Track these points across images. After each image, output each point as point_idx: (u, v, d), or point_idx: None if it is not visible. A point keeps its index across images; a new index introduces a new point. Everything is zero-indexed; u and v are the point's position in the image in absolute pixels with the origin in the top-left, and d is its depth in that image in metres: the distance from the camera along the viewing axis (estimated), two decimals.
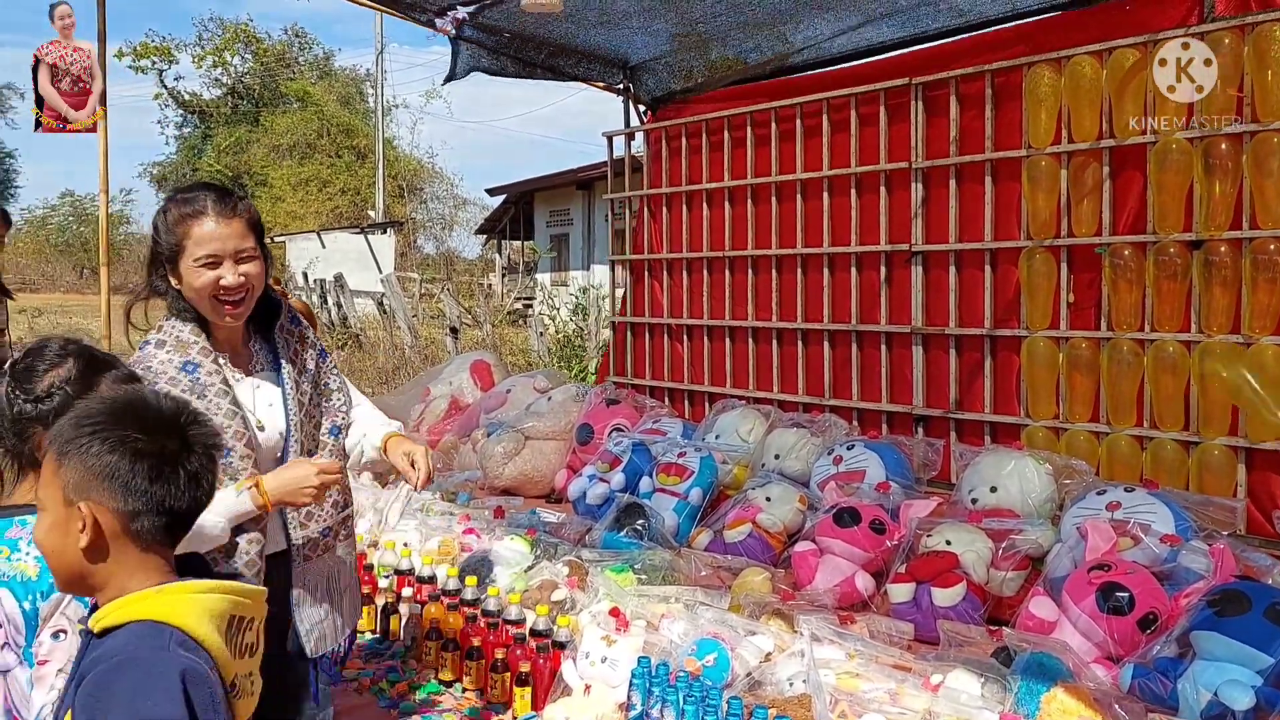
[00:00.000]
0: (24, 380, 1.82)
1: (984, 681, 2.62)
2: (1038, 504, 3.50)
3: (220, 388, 2.25)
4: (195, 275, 2.23)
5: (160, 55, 34.39)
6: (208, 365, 2.25)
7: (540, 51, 6.27)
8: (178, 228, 2.25)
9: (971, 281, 4.85)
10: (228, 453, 2.22)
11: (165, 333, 2.29)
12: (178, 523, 1.50)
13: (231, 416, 2.24)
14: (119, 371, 1.90)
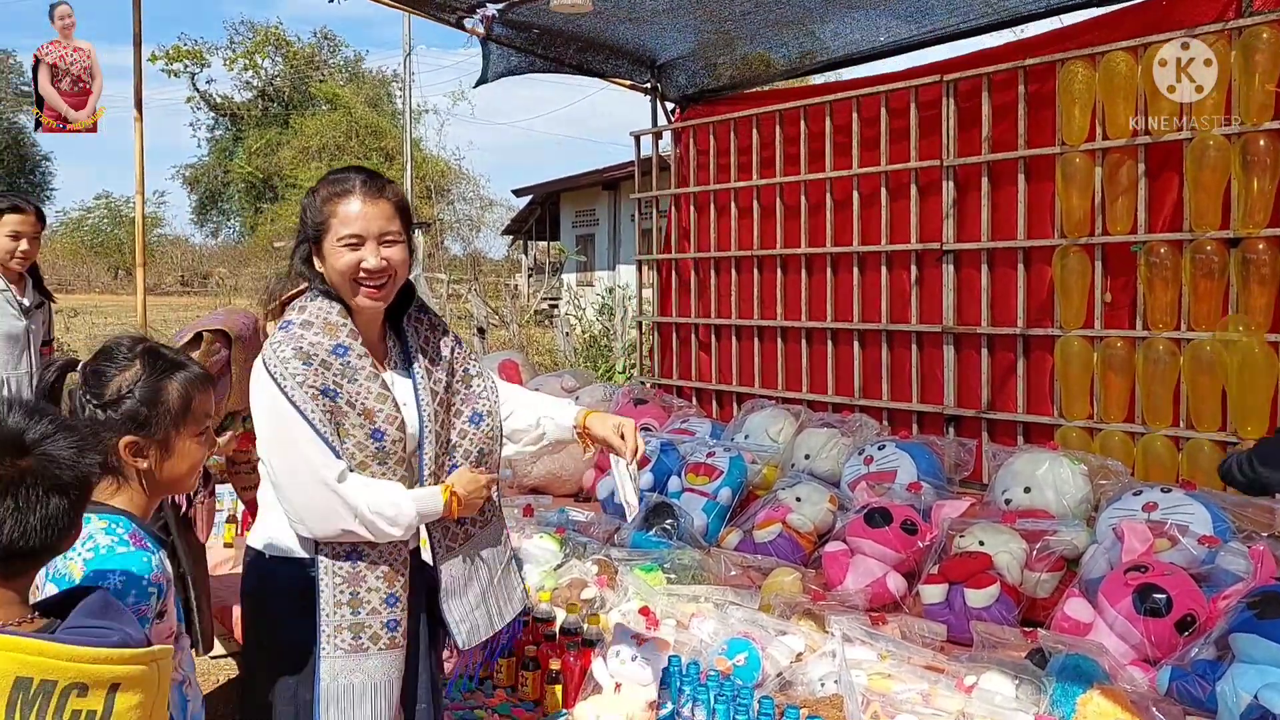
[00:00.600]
0: (94, 384, 1.80)
1: (1018, 683, 2.59)
2: (1072, 505, 3.46)
3: (370, 371, 2.22)
4: (338, 256, 2.20)
5: (192, 59, 34.78)
6: (356, 348, 2.22)
7: (569, 47, 6.28)
8: (325, 206, 2.23)
9: (1004, 280, 4.81)
10: (381, 436, 2.21)
11: (310, 314, 2.24)
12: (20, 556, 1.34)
13: (383, 400, 2.22)
14: (190, 372, 1.87)
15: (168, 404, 1.81)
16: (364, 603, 2.25)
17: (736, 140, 6.10)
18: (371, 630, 2.25)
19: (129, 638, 1.33)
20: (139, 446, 1.78)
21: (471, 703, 2.93)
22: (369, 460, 2.22)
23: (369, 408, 2.20)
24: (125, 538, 1.72)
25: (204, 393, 1.89)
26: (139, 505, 1.81)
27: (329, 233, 2.21)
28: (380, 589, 2.26)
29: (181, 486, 1.92)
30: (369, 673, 2.25)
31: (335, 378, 2.18)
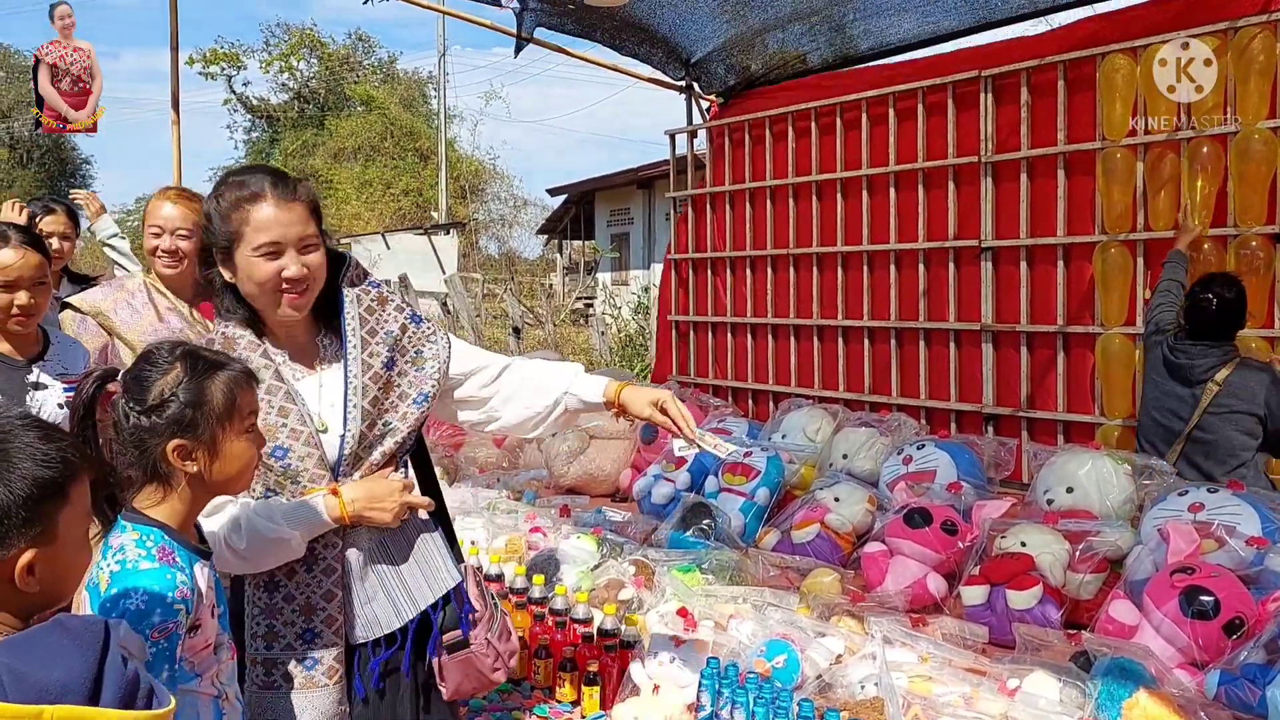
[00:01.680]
0: (136, 391, 1.77)
1: (1062, 686, 2.56)
2: (1116, 505, 3.41)
3: (270, 383, 2.08)
4: (255, 266, 2.05)
5: (229, 61, 35.17)
6: (255, 360, 2.07)
7: (604, 23, 6.25)
8: (234, 214, 2.06)
9: (1044, 277, 4.75)
10: (285, 453, 2.07)
11: (213, 333, 2.15)
12: None
13: (285, 414, 2.07)
14: (232, 370, 1.84)
15: (213, 404, 1.78)
16: (278, 637, 2.09)
17: (771, 137, 6.07)
18: (283, 668, 2.09)
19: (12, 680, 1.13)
20: (187, 449, 1.76)
21: (509, 704, 2.93)
22: (282, 480, 2.08)
23: (269, 424, 2.05)
24: (153, 552, 1.70)
25: (248, 390, 1.87)
26: (179, 515, 1.79)
27: (241, 241, 2.06)
28: (296, 623, 2.09)
29: (236, 487, 1.88)
30: (279, 712, 2.09)
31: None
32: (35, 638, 1.18)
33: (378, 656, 2.15)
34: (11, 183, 36.36)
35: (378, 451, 2.17)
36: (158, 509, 1.77)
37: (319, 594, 2.11)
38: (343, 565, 2.12)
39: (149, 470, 1.77)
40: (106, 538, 1.74)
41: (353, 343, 2.17)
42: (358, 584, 2.13)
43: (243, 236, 2.05)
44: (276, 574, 2.09)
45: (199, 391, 1.78)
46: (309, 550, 2.09)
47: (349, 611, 2.13)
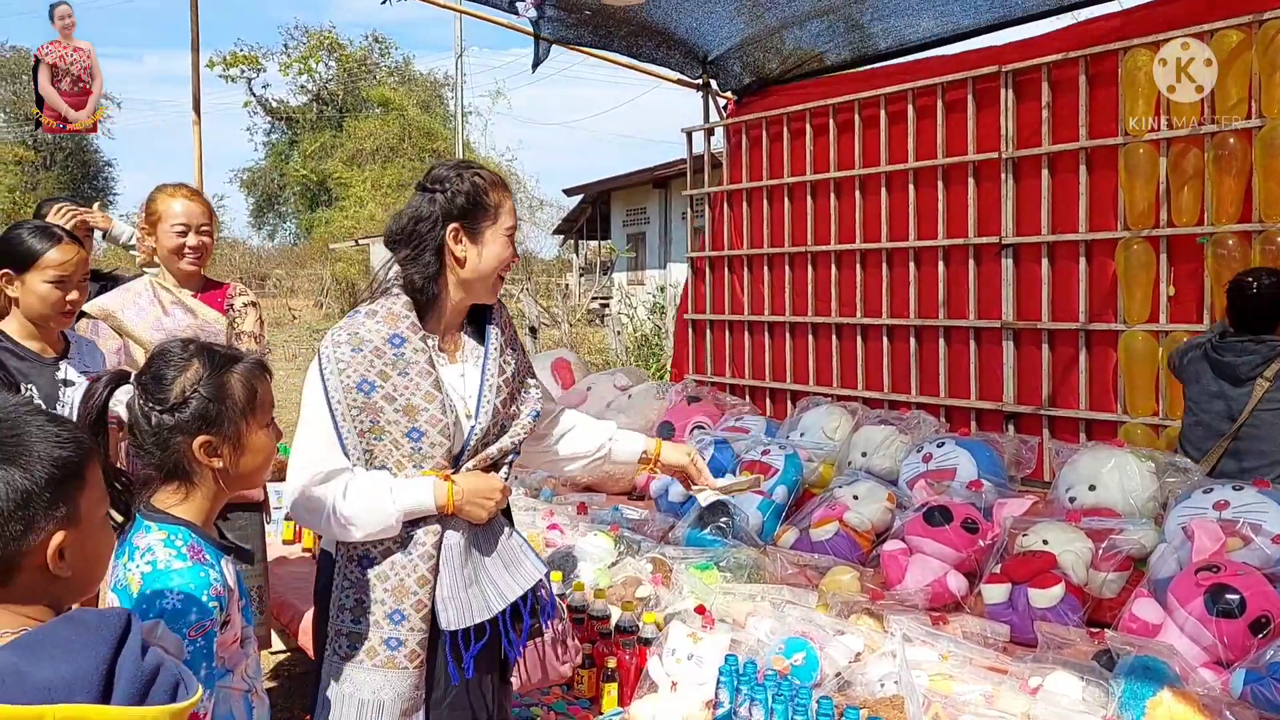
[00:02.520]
0: (155, 390, 1.76)
1: (1085, 685, 2.52)
2: (1140, 503, 3.37)
3: (424, 367, 2.16)
4: (503, 245, 2.23)
5: (248, 64, 35.37)
6: (415, 342, 2.17)
7: (620, 29, 6.25)
8: (493, 193, 2.23)
9: (1065, 274, 4.71)
10: (419, 436, 2.14)
11: (379, 304, 2.21)
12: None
13: (430, 399, 2.15)
14: (248, 363, 1.84)
15: (234, 397, 1.78)
16: (366, 613, 2.15)
17: (789, 135, 6.05)
18: (369, 644, 2.14)
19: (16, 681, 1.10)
20: (213, 445, 1.76)
21: (527, 700, 2.92)
22: (404, 460, 2.15)
23: (412, 404, 2.14)
24: (184, 551, 1.69)
25: (265, 382, 1.87)
26: (203, 512, 1.78)
27: (496, 222, 2.23)
28: (386, 602, 2.15)
29: (256, 480, 1.88)
30: (358, 685, 2.14)
31: (384, 368, 2.13)
32: (46, 633, 1.15)
33: (471, 648, 2.20)
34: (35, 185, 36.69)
35: (495, 447, 2.26)
36: (180, 507, 1.76)
37: (413, 578, 2.16)
38: (439, 553, 2.18)
39: (171, 469, 1.76)
40: (129, 538, 1.72)
41: (495, 345, 2.32)
42: (452, 572, 2.18)
43: (499, 217, 2.24)
44: (372, 550, 2.16)
45: (220, 386, 1.77)
46: (407, 533, 2.16)
47: (439, 597, 2.17)
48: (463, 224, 2.21)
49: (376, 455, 2.16)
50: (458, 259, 2.22)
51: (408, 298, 2.22)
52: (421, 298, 2.22)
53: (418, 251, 2.22)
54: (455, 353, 2.31)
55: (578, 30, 6.22)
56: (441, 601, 2.16)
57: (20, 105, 37.20)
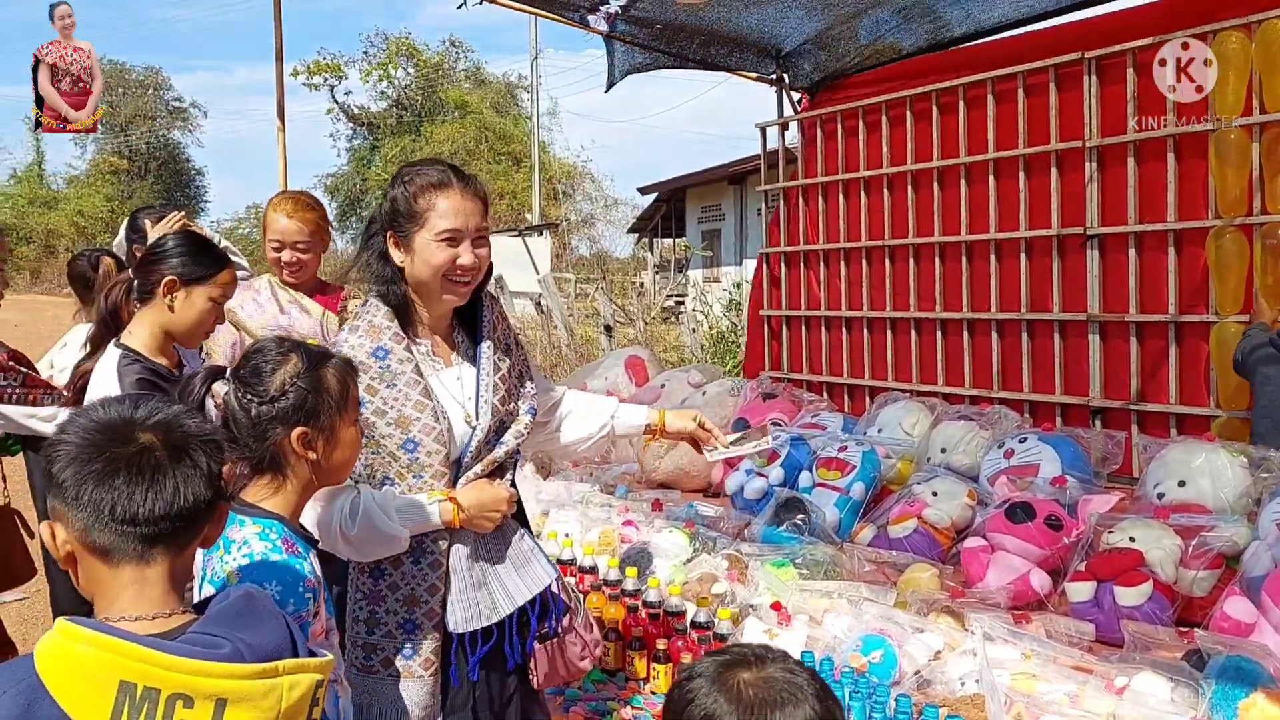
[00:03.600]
0: (255, 383, 1.80)
1: (1174, 686, 2.45)
2: (1231, 499, 3.25)
3: (411, 377, 2.14)
4: (433, 251, 2.13)
5: (331, 72, 36.20)
6: (399, 352, 2.15)
7: (692, 40, 6.25)
8: (421, 198, 2.15)
9: (1154, 265, 4.58)
10: (415, 446, 2.13)
11: (359, 318, 2.20)
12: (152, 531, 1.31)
13: (421, 408, 2.13)
14: (337, 360, 1.89)
15: (330, 391, 1.83)
16: (380, 624, 2.15)
17: (865, 128, 5.98)
18: (383, 654, 2.15)
19: (247, 649, 1.27)
20: (309, 437, 1.80)
21: (604, 695, 2.94)
22: (404, 471, 2.14)
23: (404, 415, 2.12)
24: (279, 544, 1.73)
25: (354, 379, 1.92)
26: (292, 506, 1.82)
27: (425, 226, 2.14)
28: (398, 612, 2.15)
29: (344, 474, 1.93)
30: (375, 696, 2.15)
31: (371, 382, 2.11)
32: (241, 611, 1.33)
33: (477, 651, 2.20)
34: (131, 194, 38.06)
35: (501, 449, 2.26)
36: (271, 500, 1.81)
37: (424, 587, 2.17)
38: (448, 560, 2.18)
39: (265, 461, 1.80)
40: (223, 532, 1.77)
41: (488, 342, 2.29)
42: (460, 578, 2.19)
43: (427, 221, 2.14)
44: (383, 562, 2.16)
45: (318, 380, 1.82)
46: (416, 543, 2.15)
47: (449, 603, 2.18)
48: (394, 231, 2.19)
49: (376, 469, 2.15)
50: (398, 266, 2.19)
51: (387, 307, 2.19)
52: (398, 307, 2.20)
53: (368, 259, 2.22)
54: (450, 355, 2.28)
55: (651, 42, 6.23)
56: (450, 605, 2.17)
57: (114, 116, 38.59)
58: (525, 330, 15.59)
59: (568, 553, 3.64)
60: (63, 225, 38.10)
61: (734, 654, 1.40)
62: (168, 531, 1.32)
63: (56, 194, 41.08)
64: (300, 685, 1.29)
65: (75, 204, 38.54)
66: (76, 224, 37.89)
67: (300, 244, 3.47)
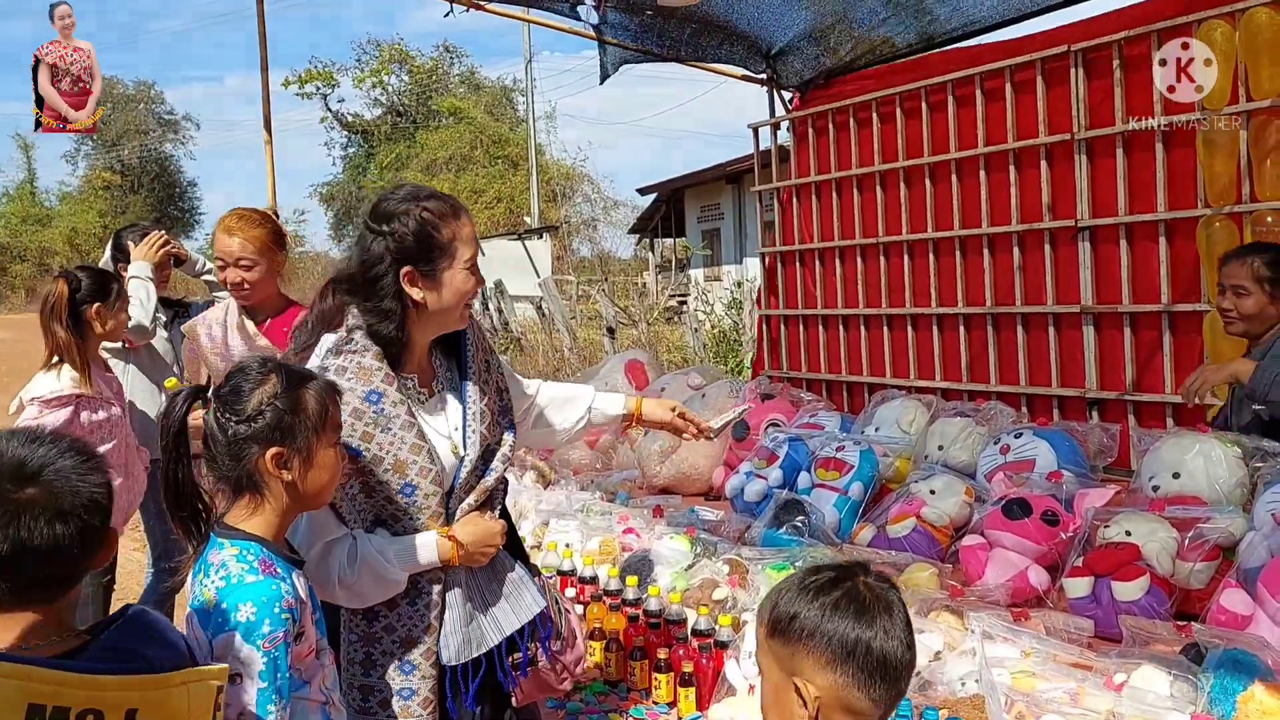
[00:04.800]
0: (233, 402, 1.81)
1: (1173, 680, 2.46)
2: (1227, 490, 3.26)
3: (405, 419, 2.11)
4: (463, 280, 2.14)
5: (323, 80, 36.19)
6: (392, 395, 2.11)
7: (683, 30, 6.24)
8: (444, 229, 2.11)
9: (1145, 255, 4.59)
10: (413, 490, 2.13)
11: (346, 359, 2.12)
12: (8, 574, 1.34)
13: (417, 451, 2.11)
14: (319, 382, 1.90)
15: (308, 412, 1.84)
16: (376, 665, 2.15)
17: (856, 125, 5.99)
18: (381, 695, 2.15)
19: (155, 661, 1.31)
20: (284, 457, 1.81)
21: (606, 706, 2.95)
22: (399, 515, 2.14)
23: (400, 460, 2.10)
24: (255, 565, 1.75)
25: (335, 402, 1.93)
26: (273, 527, 1.84)
27: (454, 260, 2.12)
28: (395, 654, 2.15)
29: (323, 498, 1.94)
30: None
31: (366, 428, 2.08)
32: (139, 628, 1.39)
33: (471, 684, 2.21)
34: (125, 209, 38.09)
35: (492, 476, 2.27)
36: (250, 521, 1.82)
37: (420, 628, 2.17)
38: (444, 600, 2.18)
39: (242, 482, 1.82)
40: (204, 555, 1.79)
41: (473, 368, 2.27)
42: (454, 614, 2.20)
43: (455, 252, 2.12)
44: (378, 605, 2.15)
45: (295, 400, 1.83)
46: (411, 583, 2.15)
47: (442, 638, 2.19)
48: (416, 267, 2.11)
49: (371, 513, 2.15)
50: (416, 301, 2.13)
51: (376, 348, 2.13)
52: (392, 346, 2.15)
53: (377, 300, 2.12)
54: (431, 383, 2.26)
55: (642, 36, 6.23)
56: (443, 639, 2.18)
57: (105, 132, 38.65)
58: (527, 334, 15.62)
59: (568, 563, 3.66)
60: (57, 242, 38.22)
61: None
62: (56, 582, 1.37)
63: (49, 211, 41.21)
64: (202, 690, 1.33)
65: (69, 221, 38.69)
66: (71, 241, 37.99)
67: (244, 261, 3.33)
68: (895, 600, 1.52)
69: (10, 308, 35.47)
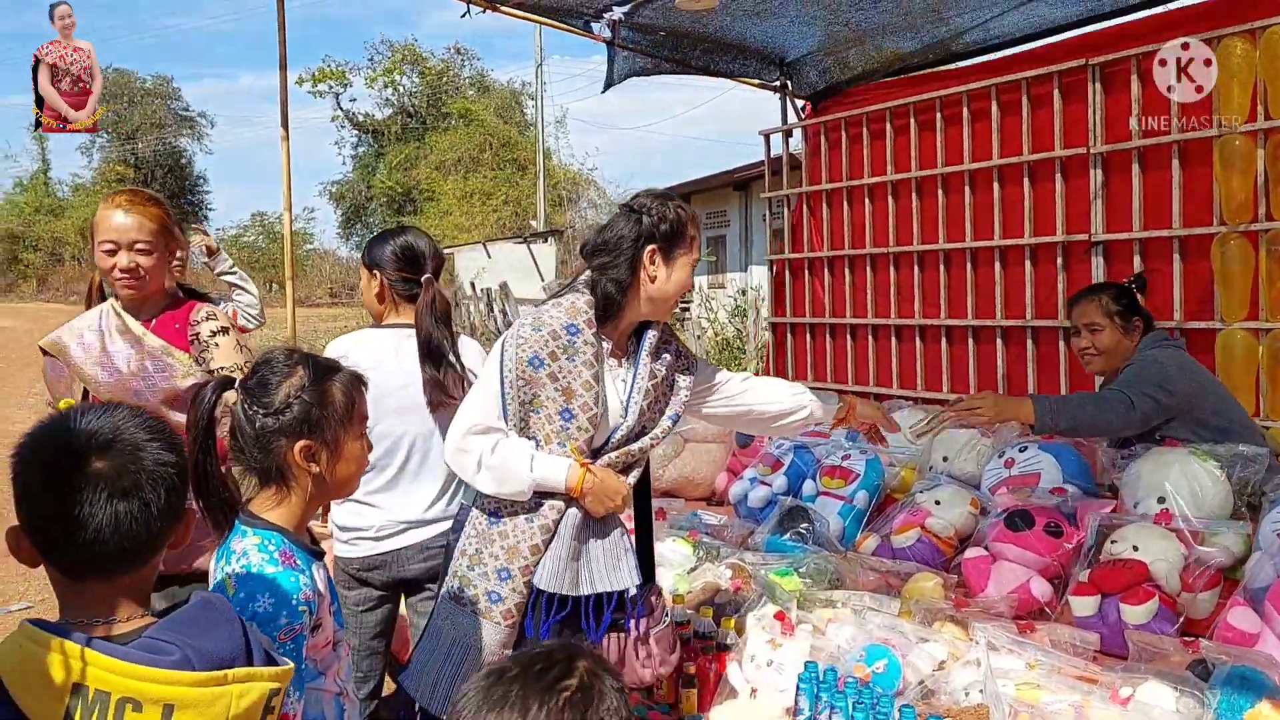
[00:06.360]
0: (260, 395, 1.81)
1: (1179, 696, 2.44)
2: (1214, 507, 3.19)
3: (589, 358, 2.39)
4: (687, 274, 2.47)
5: (336, 79, 36.27)
6: (587, 335, 2.40)
7: (695, 48, 6.25)
8: (691, 226, 2.49)
9: (1159, 272, 4.56)
10: (570, 417, 2.36)
11: (563, 300, 2.45)
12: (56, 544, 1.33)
13: (588, 388, 2.38)
14: (345, 374, 1.90)
15: (335, 404, 1.83)
16: (480, 562, 2.38)
17: (869, 134, 5.98)
18: (473, 591, 2.37)
19: (197, 656, 1.29)
20: (312, 450, 1.81)
21: None
22: (552, 435, 2.37)
23: (571, 388, 2.36)
24: (275, 556, 1.74)
25: (361, 394, 1.92)
26: (295, 519, 1.83)
27: (690, 252, 2.48)
28: (499, 557, 2.36)
29: (349, 489, 1.94)
30: (455, 625, 2.36)
31: (555, 349, 2.37)
32: (196, 618, 1.36)
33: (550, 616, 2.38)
34: None
35: (637, 445, 2.50)
36: (275, 512, 1.81)
37: (527, 544, 2.36)
38: (557, 527, 2.37)
39: (269, 473, 1.81)
40: (227, 542, 1.78)
41: (646, 353, 2.54)
42: (560, 543, 2.37)
43: (693, 247, 2.50)
44: (502, 509, 2.39)
45: (323, 392, 1.83)
46: (535, 502, 2.37)
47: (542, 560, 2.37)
48: (660, 246, 2.45)
49: (530, 425, 2.38)
50: (650, 276, 2.46)
51: (590, 297, 2.45)
52: (608, 304, 2.45)
53: (615, 262, 2.45)
54: (623, 358, 2.54)
55: (654, 50, 6.23)
56: (542, 562, 2.35)
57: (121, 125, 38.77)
58: None
59: None
60: (69, 233, 38.28)
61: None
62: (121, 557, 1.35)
63: (62, 202, 41.28)
64: (251, 693, 1.31)
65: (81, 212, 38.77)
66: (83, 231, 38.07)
67: (141, 244, 2.82)
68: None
69: (21, 297, 35.53)
